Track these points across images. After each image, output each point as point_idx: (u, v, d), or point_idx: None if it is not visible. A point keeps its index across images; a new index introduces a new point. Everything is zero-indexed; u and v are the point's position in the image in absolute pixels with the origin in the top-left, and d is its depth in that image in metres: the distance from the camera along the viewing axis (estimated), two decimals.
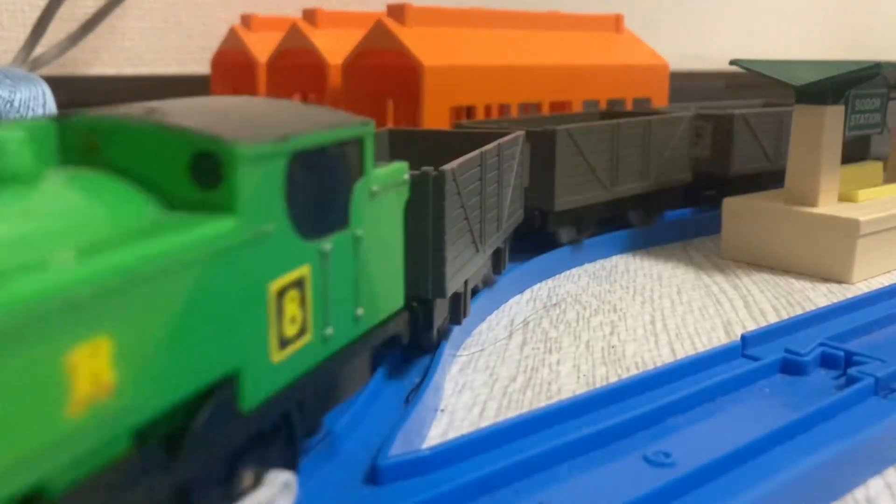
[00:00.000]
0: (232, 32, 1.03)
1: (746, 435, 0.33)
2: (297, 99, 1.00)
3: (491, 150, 0.48)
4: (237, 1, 1.15)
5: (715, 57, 1.62)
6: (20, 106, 0.66)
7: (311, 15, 0.93)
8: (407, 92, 0.85)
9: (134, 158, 0.24)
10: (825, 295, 0.58)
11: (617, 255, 0.69)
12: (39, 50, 0.85)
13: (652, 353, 0.47)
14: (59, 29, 0.95)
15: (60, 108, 0.73)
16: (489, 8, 0.95)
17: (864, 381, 0.39)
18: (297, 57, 0.93)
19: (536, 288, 0.59)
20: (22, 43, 0.85)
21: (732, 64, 0.66)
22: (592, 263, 0.66)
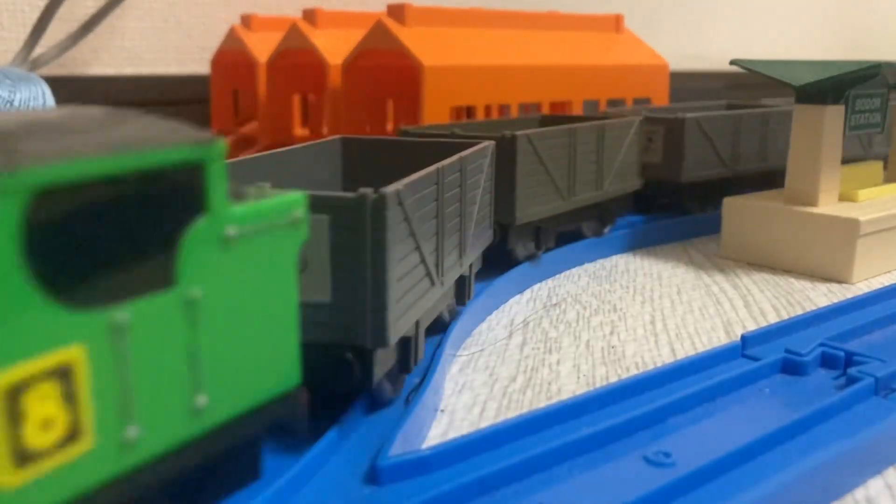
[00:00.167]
0: (232, 32, 1.03)
1: (746, 435, 0.33)
2: (297, 99, 1.00)
3: (451, 164, 0.42)
4: (237, 1, 1.15)
5: (715, 57, 1.62)
6: (20, 106, 0.66)
7: (311, 15, 0.93)
8: (407, 92, 0.85)
9: None
10: (825, 295, 0.58)
11: (617, 254, 0.69)
12: (39, 50, 0.85)
13: (652, 353, 0.47)
14: (58, 29, 0.95)
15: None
16: (489, 8, 0.95)
17: (864, 381, 0.39)
18: (297, 57, 0.93)
19: (536, 288, 0.59)
20: (22, 43, 0.85)
21: (732, 64, 0.66)
22: (592, 263, 0.66)
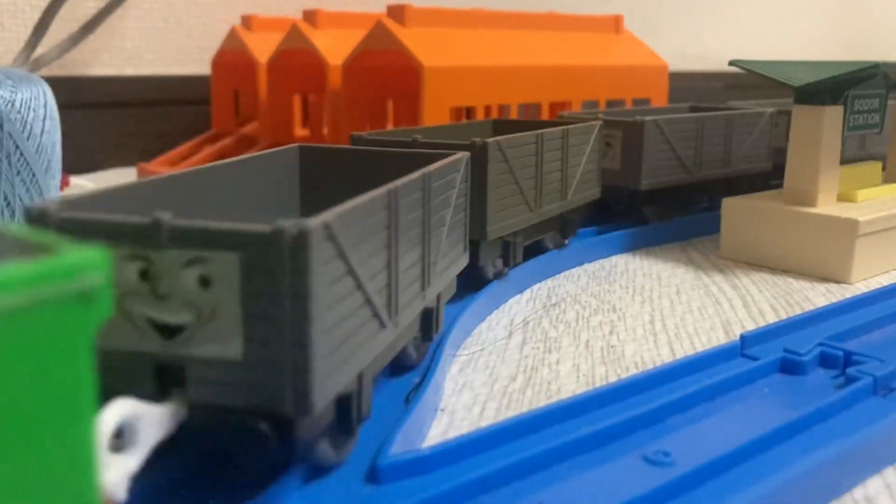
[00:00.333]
0: (232, 33, 1.03)
1: (746, 434, 0.33)
2: (297, 99, 1.00)
3: (409, 184, 0.35)
4: (237, 1, 1.15)
5: (714, 57, 1.62)
6: (21, 106, 0.66)
7: (311, 15, 0.93)
8: (407, 92, 0.85)
9: None
10: (824, 295, 0.58)
11: (616, 254, 0.69)
12: (40, 50, 0.85)
13: (651, 352, 0.47)
14: (59, 29, 0.96)
15: (61, 108, 0.73)
16: (489, 9, 0.95)
17: (862, 380, 0.39)
18: (297, 57, 0.93)
19: (536, 288, 0.59)
20: (23, 43, 0.86)
21: (732, 64, 0.66)
22: (592, 263, 0.66)
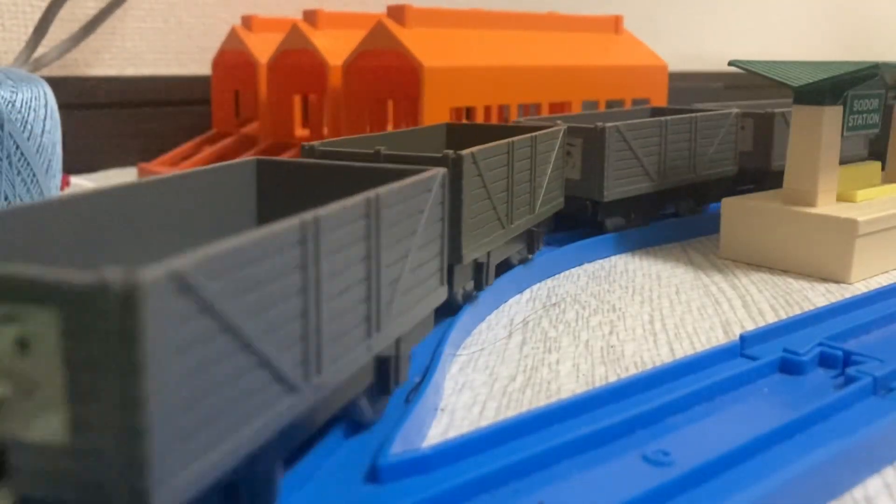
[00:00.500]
0: (233, 33, 1.03)
1: (745, 434, 0.33)
2: (297, 100, 1.00)
3: (340, 213, 0.27)
4: (238, 2, 1.15)
5: (714, 58, 1.62)
6: (22, 106, 0.66)
7: (311, 16, 0.93)
8: (407, 93, 0.85)
9: None
10: (823, 295, 0.58)
11: (616, 255, 0.69)
12: (41, 50, 0.86)
13: (651, 352, 0.47)
14: (60, 29, 0.96)
15: (61, 108, 0.73)
16: (489, 9, 0.96)
17: (862, 380, 0.39)
18: (297, 58, 0.93)
19: (536, 288, 0.59)
20: (24, 43, 0.86)
21: (731, 65, 0.67)
22: (592, 263, 0.66)
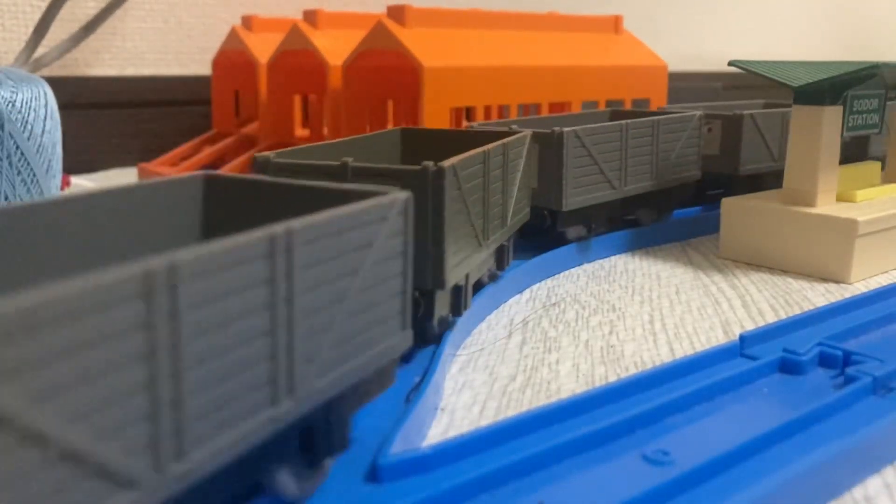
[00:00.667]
0: (233, 33, 1.03)
1: (745, 434, 0.33)
2: (297, 100, 1.00)
3: (206, 260, 0.21)
4: (238, 2, 1.15)
5: (714, 58, 1.62)
6: (22, 106, 0.67)
7: (311, 16, 0.93)
8: (407, 93, 0.85)
9: None
10: (823, 295, 0.58)
11: (616, 255, 0.69)
12: (41, 51, 0.86)
13: (651, 352, 0.47)
14: (60, 29, 0.96)
15: (61, 108, 0.73)
16: (489, 9, 0.96)
17: (862, 380, 0.39)
18: (297, 58, 0.93)
19: (536, 288, 0.59)
20: (24, 43, 0.86)
21: (731, 65, 0.67)
22: (591, 263, 0.66)
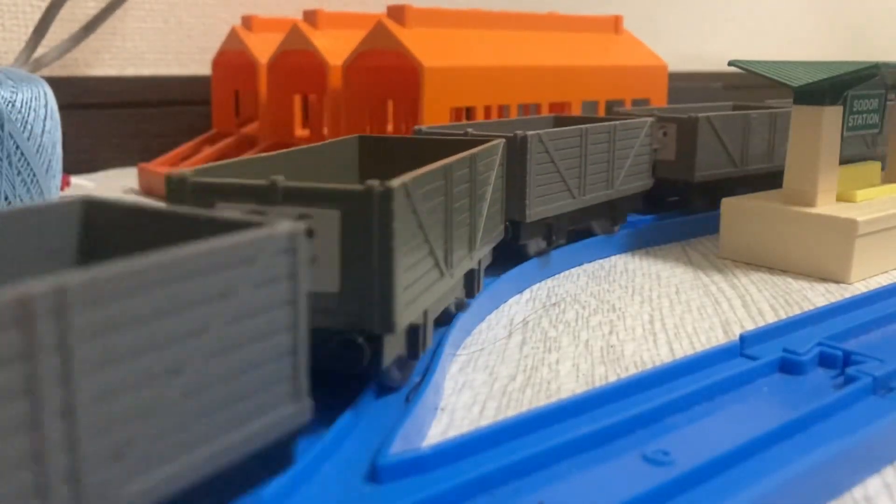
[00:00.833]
0: (233, 33, 1.03)
1: (745, 434, 0.33)
2: (297, 100, 1.00)
3: None
4: (237, 2, 1.15)
5: (714, 58, 1.62)
6: (22, 106, 0.66)
7: (311, 16, 0.93)
8: (407, 93, 0.85)
9: None
10: (823, 295, 0.58)
11: (616, 254, 0.69)
12: (41, 51, 0.86)
13: (651, 352, 0.47)
14: (60, 30, 0.96)
15: (61, 108, 0.73)
16: (489, 9, 0.96)
17: (862, 380, 0.39)
18: (297, 58, 0.93)
19: (536, 288, 0.59)
20: (23, 43, 0.86)
21: (731, 65, 0.67)
22: (591, 263, 0.66)
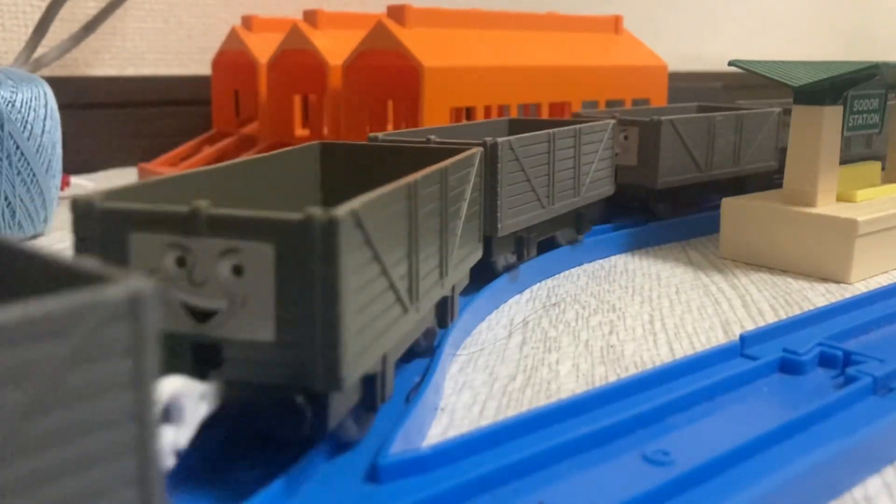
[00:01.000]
0: (233, 33, 1.03)
1: (745, 434, 0.33)
2: (297, 99, 1.00)
3: None
4: (237, 2, 1.15)
5: (714, 58, 1.62)
6: (22, 106, 0.66)
7: (311, 16, 0.93)
8: (407, 93, 0.85)
9: None
10: (823, 295, 0.58)
11: (616, 254, 0.69)
12: (41, 51, 0.86)
13: (651, 352, 0.47)
14: (60, 29, 0.96)
15: (61, 108, 0.73)
16: (489, 9, 0.95)
17: (862, 380, 0.39)
18: (297, 58, 0.93)
19: (536, 288, 0.59)
20: (23, 43, 0.86)
21: (731, 65, 0.67)
22: (591, 263, 0.66)
